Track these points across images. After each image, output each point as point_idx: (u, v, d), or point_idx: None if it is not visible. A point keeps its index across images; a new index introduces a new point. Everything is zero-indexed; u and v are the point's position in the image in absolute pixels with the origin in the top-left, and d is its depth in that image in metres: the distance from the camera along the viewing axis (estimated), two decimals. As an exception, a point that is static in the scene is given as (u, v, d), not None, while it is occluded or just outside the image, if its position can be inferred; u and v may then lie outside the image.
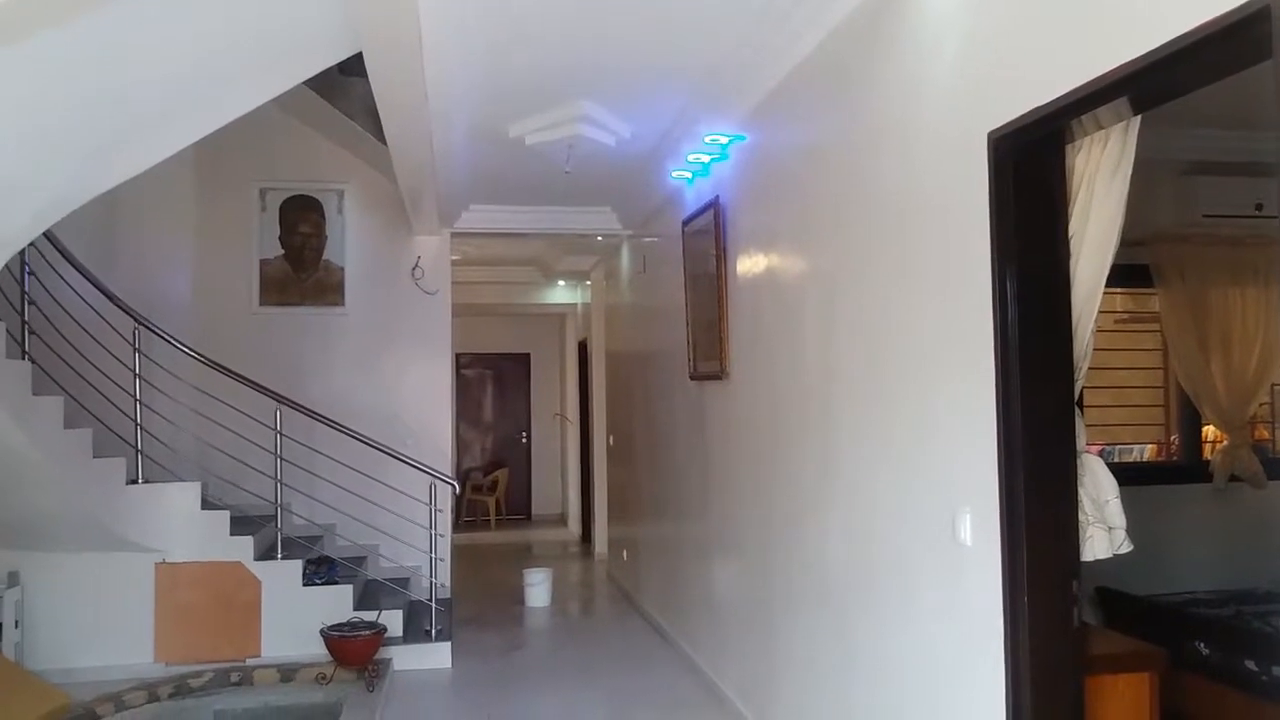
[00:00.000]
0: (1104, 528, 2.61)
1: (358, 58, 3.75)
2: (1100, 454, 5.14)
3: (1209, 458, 5.31)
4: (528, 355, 13.74)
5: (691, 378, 5.72)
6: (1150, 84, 2.07)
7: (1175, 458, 5.55)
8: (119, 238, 6.67)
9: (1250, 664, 3.97)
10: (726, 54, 3.98)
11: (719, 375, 5.11)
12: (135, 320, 5.68)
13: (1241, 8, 1.75)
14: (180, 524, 5.63)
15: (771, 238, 4.40)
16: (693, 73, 4.22)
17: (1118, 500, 2.64)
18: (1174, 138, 4.54)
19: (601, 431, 9.76)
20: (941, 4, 2.82)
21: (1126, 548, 2.63)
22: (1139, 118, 2.38)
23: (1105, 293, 2.58)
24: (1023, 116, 2.39)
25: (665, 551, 6.73)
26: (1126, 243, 2.54)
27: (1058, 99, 2.25)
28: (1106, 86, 2.11)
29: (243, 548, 5.70)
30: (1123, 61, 2.03)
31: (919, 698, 3.03)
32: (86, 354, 5.55)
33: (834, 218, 3.65)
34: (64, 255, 5.41)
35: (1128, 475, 3.12)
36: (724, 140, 4.85)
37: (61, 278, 5.51)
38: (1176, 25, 1.88)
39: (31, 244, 4.81)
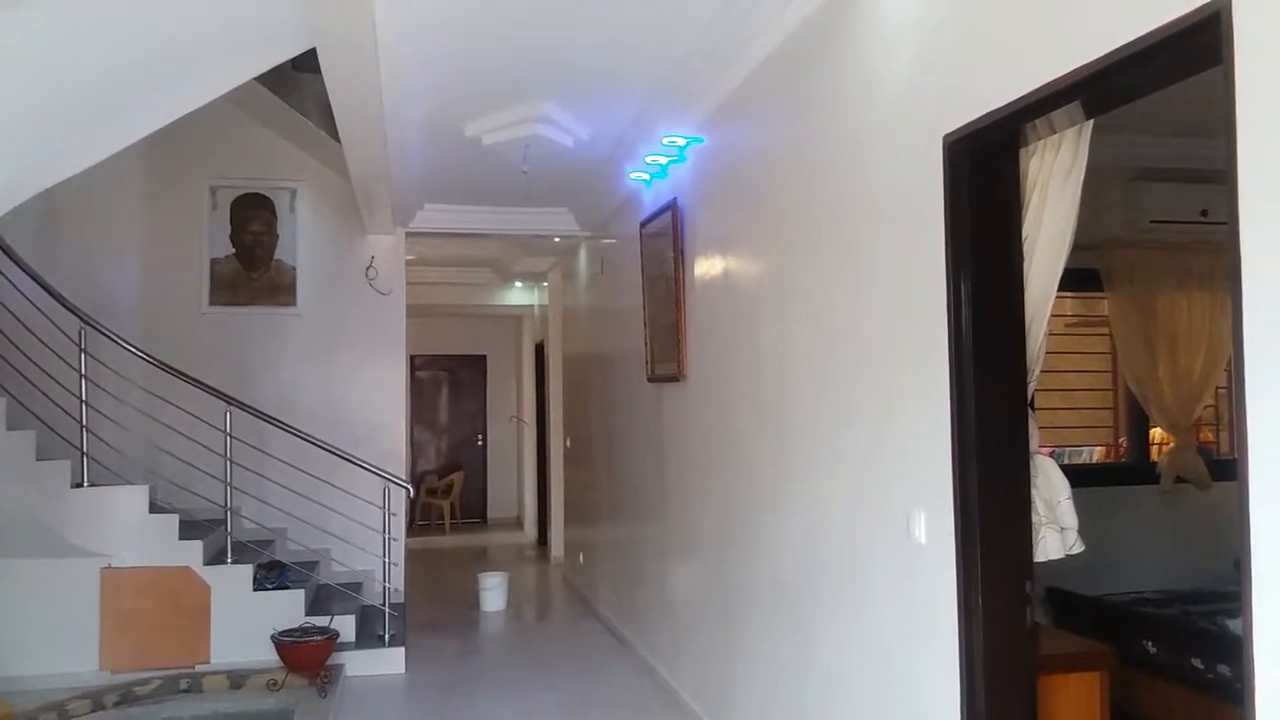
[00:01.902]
0: (1056, 528, 2.64)
1: (311, 53, 3.70)
2: (1051, 455, 5.23)
3: (1156, 459, 5.41)
4: (484, 357, 13.65)
5: (649, 380, 5.72)
6: (1103, 88, 2.10)
7: (1123, 459, 5.64)
8: (64, 235, 6.52)
9: (1196, 662, 4.04)
10: (683, 57, 3.98)
11: (676, 377, 5.11)
12: (81, 320, 5.55)
13: (1193, 14, 1.78)
14: (127, 528, 5.51)
15: (729, 240, 4.41)
16: (650, 75, 4.22)
17: (1070, 501, 2.67)
18: (1122, 145, 4.62)
19: (558, 434, 9.73)
20: (896, 9, 2.84)
21: (1078, 548, 2.66)
22: (1092, 123, 2.41)
23: (1056, 296, 2.61)
24: (978, 120, 2.41)
25: (622, 554, 6.71)
26: (1077, 247, 2.58)
27: (1012, 103, 2.27)
28: (1060, 90, 2.13)
29: (192, 552, 5.59)
30: (1076, 66, 2.06)
31: (874, 697, 3.04)
32: (30, 354, 5.42)
33: (791, 220, 3.66)
34: (6, 252, 5.28)
35: (1077, 476, 3.16)
36: (682, 143, 4.85)
37: (4, 275, 5.37)
38: (1130, 30, 1.91)
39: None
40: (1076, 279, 4.92)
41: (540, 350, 10.91)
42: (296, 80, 6.18)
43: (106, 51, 3.32)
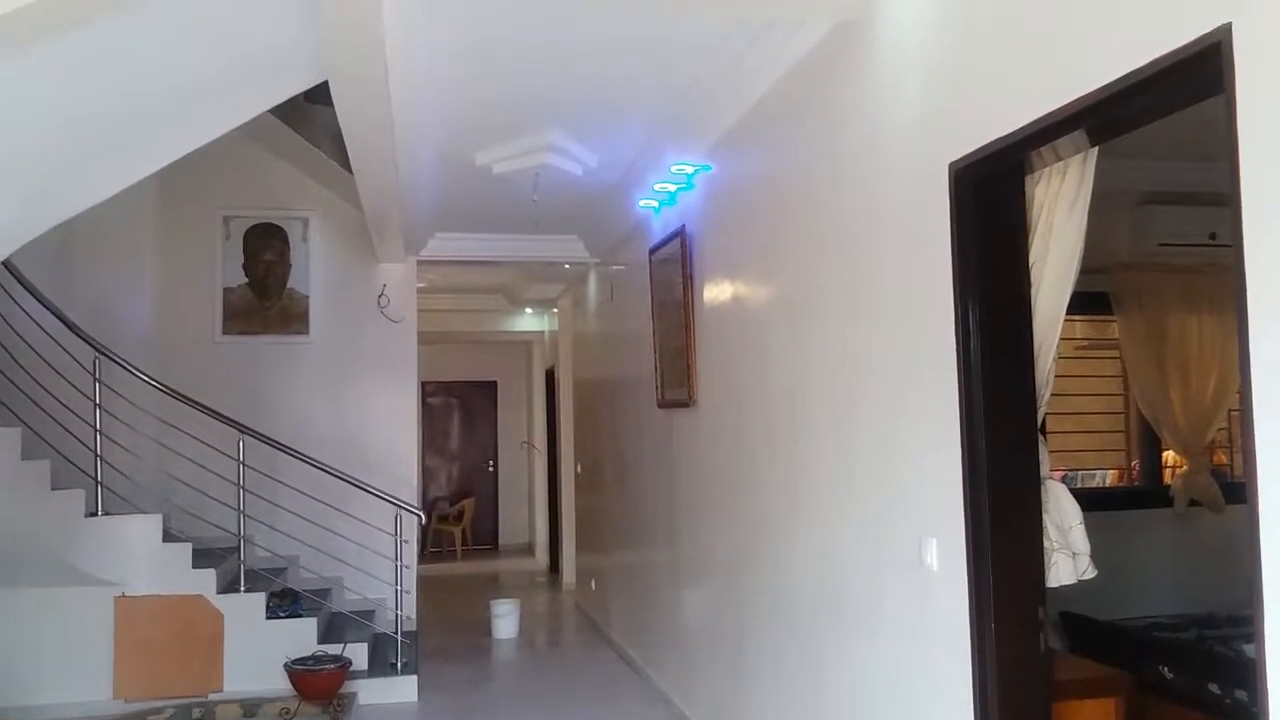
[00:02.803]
0: (1068, 553, 2.64)
1: (324, 86, 3.75)
2: (1063, 479, 5.20)
3: (1169, 483, 5.38)
4: (494, 383, 13.68)
5: (659, 405, 5.72)
6: (1107, 116, 2.12)
7: (1136, 482, 5.61)
8: (79, 266, 6.58)
9: (1213, 687, 4.00)
10: (690, 87, 4.02)
11: (686, 403, 5.12)
12: (95, 349, 5.60)
13: (1194, 43, 1.80)
14: (141, 557, 5.53)
15: (738, 267, 4.43)
16: (657, 105, 4.26)
17: (1081, 526, 2.67)
18: (1130, 169, 4.62)
19: (569, 460, 9.72)
20: (900, 39, 2.87)
21: (1091, 573, 2.66)
22: (1096, 149, 2.43)
23: (1066, 320, 2.62)
24: (983, 148, 2.43)
25: (634, 581, 6.70)
26: (1085, 271, 2.59)
27: (1017, 131, 2.29)
28: (1064, 119, 2.15)
29: (205, 581, 5.61)
30: (1080, 95, 2.08)
31: (888, 725, 3.03)
32: (45, 384, 5.46)
33: (799, 247, 3.68)
34: (22, 283, 5.33)
35: (1090, 501, 3.15)
36: (690, 170, 4.88)
37: (20, 306, 5.43)
38: (1132, 59, 1.93)
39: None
40: (1086, 302, 4.93)
41: (551, 376, 10.93)
42: (309, 112, 6.25)
43: (119, 90, 3.37)
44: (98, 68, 3.14)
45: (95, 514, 5.49)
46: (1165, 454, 5.55)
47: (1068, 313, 2.61)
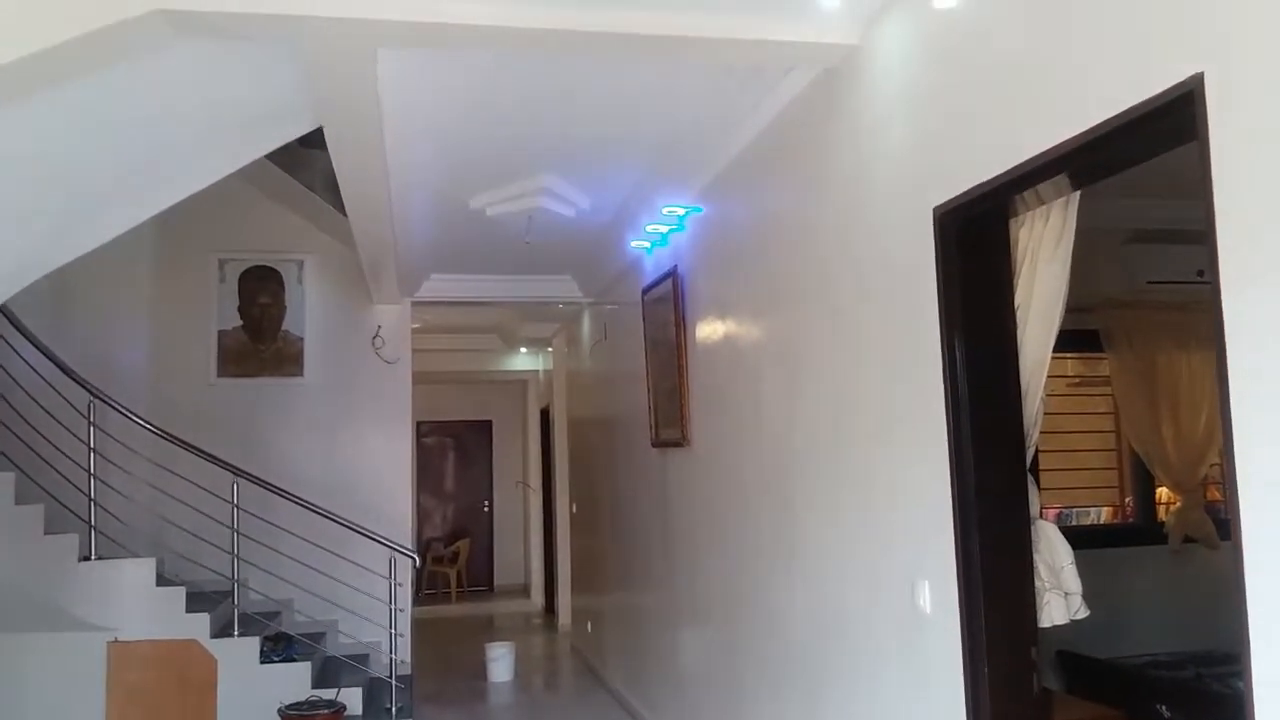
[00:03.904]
0: (1060, 593, 2.64)
1: (319, 130, 3.80)
2: (1057, 517, 5.21)
3: (1163, 519, 5.39)
4: (489, 423, 13.68)
5: (653, 445, 5.73)
6: (1087, 161, 2.16)
7: (1131, 519, 5.61)
8: (74, 309, 6.60)
9: (1211, 726, 3.99)
10: (680, 132, 4.08)
11: (680, 442, 5.13)
12: (90, 392, 5.60)
13: (1168, 91, 1.84)
14: (134, 601, 5.49)
15: (729, 307, 4.46)
16: (648, 149, 4.32)
17: (1073, 566, 2.67)
18: (1117, 207, 4.68)
19: (564, 499, 9.71)
20: (886, 86, 2.92)
21: (1083, 613, 2.66)
22: (1079, 193, 2.47)
23: (1057, 357, 2.64)
24: (966, 193, 2.47)
25: (630, 623, 6.67)
26: (1075, 309, 2.62)
27: (999, 176, 2.33)
28: (1045, 164, 2.19)
29: (199, 625, 5.56)
30: (1060, 140, 2.12)
31: (883, 768, 3.01)
32: (39, 427, 5.45)
33: (789, 288, 3.72)
34: (17, 327, 5.35)
35: (1085, 538, 3.16)
36: (681, 212, 4.94)
37: (14, 350, 5.44)
38: (1110, 107, 1.97)
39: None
40: (1076, 340, 4.97)
41: (546, 415, 10.95)
42: (304, 156, 6.31)
43: (115, 139, 3.41)
44: (93, 118, 3.18)
45: (88, 558, 5.46)
46: (1159, 490, 5.55)
47: (1057, 350, 2.64)
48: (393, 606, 6.03)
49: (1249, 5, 1.69)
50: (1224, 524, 5.12)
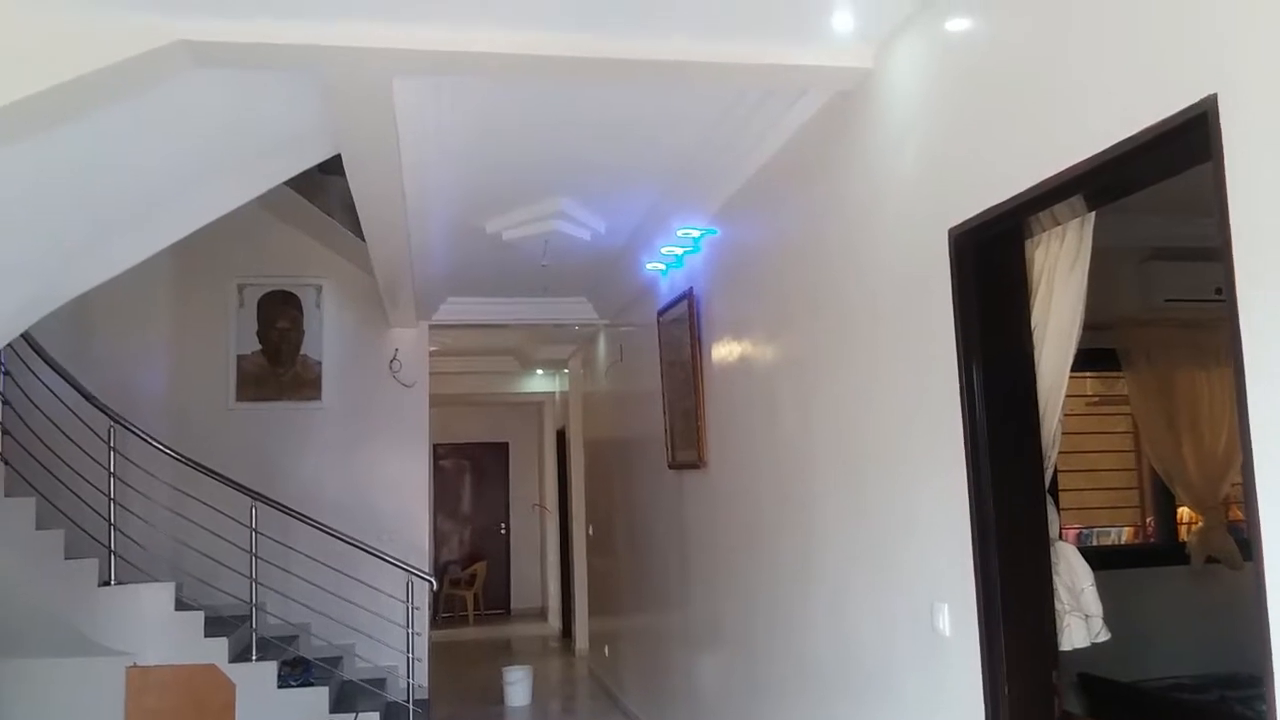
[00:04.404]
0: (1081, 616, 2.62)
1: (336, 155, 3.84)
2: (1077, 537, 5.17)
3: (1185, 539, 5.33)
4: (506, 445, 13.68)
5: (670, 466, 5.73)
6: (1102, 183, 2.16)
7: (1152, 539, 5.56)
8: (95, 334, 6.66)
9: (1237, 749, 3.93)
10: (695, 154, 4.10)
11: (697, 464, 5.12)
12: (110, 418, 5.64)
13: (1183, 112, 1.84)
14: (153, 626, 5.51)
15: (745, 328, 4.47)
16: (663, 172, 4.34)
17: (1093, 588, 2.65)
18: (1133, 225, 4.66)
19: (581, 522, 9.69)
20: (900, 108, 2.93)
21: (1104, 636, 2.64)
22: (1094, 213, 2.47)
23: (1075, 376, 2.63)
24: (981, 214, 2.47)
25: (647, 646, 6.64)
26: (1092, 327, 2.61)
27: (1014, 197, 2.33)
28: (1060, 185, 2.19)
29: (217, 650, 5.57)
30: (1075, 162, 2.12)
31: (904, 793, 2.99)
32: (60, 453, 5.50)
33: (805, 309, 3.72)
34: (38, 352, 5.40)
35: (1106, 558, 3.12)
36: (696, 234, 4.95)
37: (36, 376, 5.49)
38: (1124, 128, 1.98)
39: (7, 344, 4.80)
40: (1094, 358, 4.95)
41: (562, 437, 10.94)
42: (322, 182, 6.37)
43: (137, 169, 3.46)
44: (115, 146, 3.23)
45: (108, 583, 5.49)
46: (1180, 510, 5.50)
47: (1075, 369, 2.62)
48: (410, 630, 6.03)
49: (1261, 26, 1.70)
50: (1247, 544, 5.09)
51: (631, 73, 3.07)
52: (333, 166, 4.33)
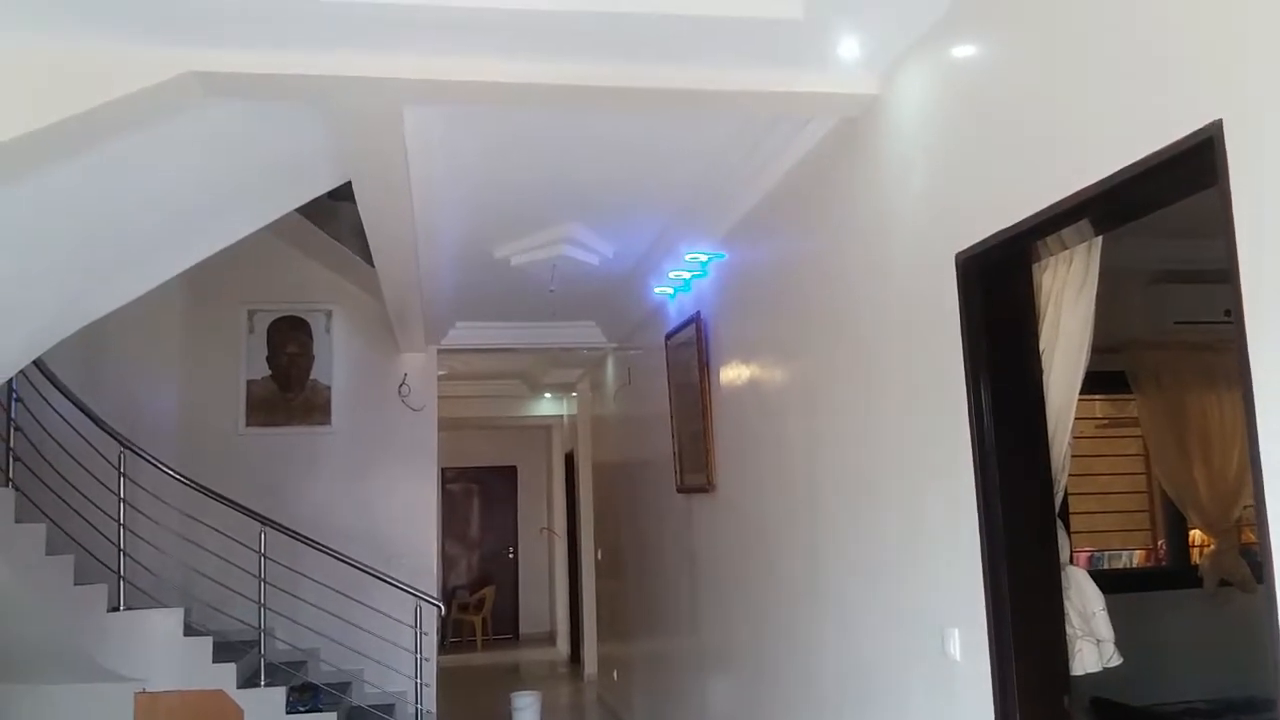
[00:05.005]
0: (1092, 640, 2.61)
1: (347, 184, 3.87)
2: (1089, 560, 5.14)
3: (1197, 562, 5.30)
4: (514, 468, 13.67)
5: (679, 490, 5.72)
6: (1108, 208, 2.17)
7: (1164, 563, 5.53)
8: (106, 360, 6.69)
9: (1252, 775, 3.90)
10: (702, 180, 4.13)
11: (706, 488, 5.12)
12: (120, 444, 5.66)
13: (1189, 138, 1.85)
14: (162, 651, 5.50)
15: (753, 353, 4.47)
16: (671, 197, 4.37)
17: (1104, 612, 2.64)
18: (1143, 248, 4.66)
19: (589, 546, 9.67)
20: (906, 134, 2.94)
21: (1116, 660, 2.62)
22: (1101, 237, 2.47)
23: (1085, 399, 2.63)
24: (988, 239, 2.48)
25: (657, 671, 6.61)
26: (1102, 350, 2.61)
27: (1021, 222, 2.34)
28: (1067, 210, 2.20)
29: (225, 675, 5.56)
30: (1081, 187, 2.13)
31: (917, 820, 2.96)
32: (70, 478, 5.51)
33: (813, 334, 3.72)
34: (48, 378, 5.43)
35: (1118, 582, 3.11)
36: (703, 258, 4.97)
37: (47, 401, 5.51)
38: (1130, 154, 1.99)
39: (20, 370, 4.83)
40: (1104, 381, 4.93)
41: (570, 460, 10.93)
42: (332, 208, 6.41)
43: (147, 198, 3.49)
44: (126, 176, 3.26)
45: (117, 609, 5.49)
46: (1192, 533, 5.47)
47: (1084, 392, 2.62)
48: (418, 655, 6.01)
49: (1267, 51, 1.71)
50: (1260, 566, 5.05)
51: (641, 101, 3.09)
52: (343, 193, 4.36)
